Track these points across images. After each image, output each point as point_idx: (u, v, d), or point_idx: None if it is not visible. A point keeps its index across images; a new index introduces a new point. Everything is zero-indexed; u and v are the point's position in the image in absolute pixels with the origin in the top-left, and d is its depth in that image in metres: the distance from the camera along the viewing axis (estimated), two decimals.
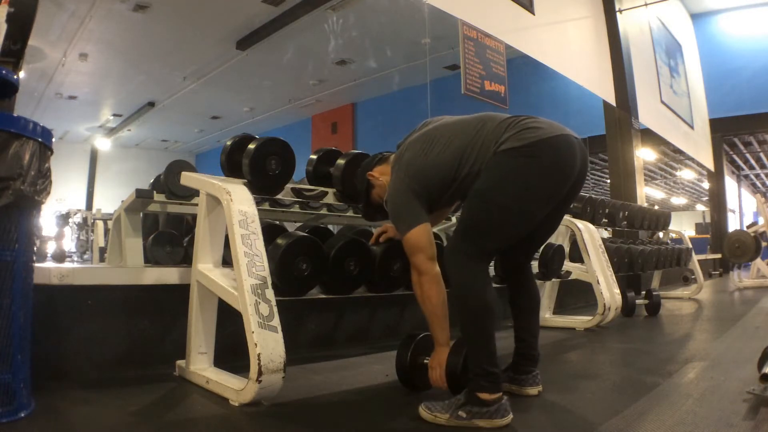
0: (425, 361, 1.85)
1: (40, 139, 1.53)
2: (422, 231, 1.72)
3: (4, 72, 1.66)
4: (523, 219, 1.66)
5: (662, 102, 8.53)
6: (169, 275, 2.35)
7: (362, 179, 2.03)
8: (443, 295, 1.75)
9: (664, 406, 1.70)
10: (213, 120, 15.24)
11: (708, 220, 12.49)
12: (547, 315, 3.74)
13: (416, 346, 1.92)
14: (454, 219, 3.17)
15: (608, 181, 8.02)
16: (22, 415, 1.50)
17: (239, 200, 1.88)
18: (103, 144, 16.45)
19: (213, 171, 2.43)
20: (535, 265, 3.26)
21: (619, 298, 3.62)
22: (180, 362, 2.11)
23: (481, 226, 1.64)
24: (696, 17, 11.04)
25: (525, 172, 1.61)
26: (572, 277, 3.65)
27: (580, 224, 3.72)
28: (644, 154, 9.15)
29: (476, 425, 1.51)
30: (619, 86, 7.05)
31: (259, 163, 2.15)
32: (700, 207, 22.85)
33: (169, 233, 3.41)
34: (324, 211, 3.04)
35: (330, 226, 3.30)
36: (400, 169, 1.78)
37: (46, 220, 10.14)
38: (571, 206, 4.09)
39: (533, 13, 5.52)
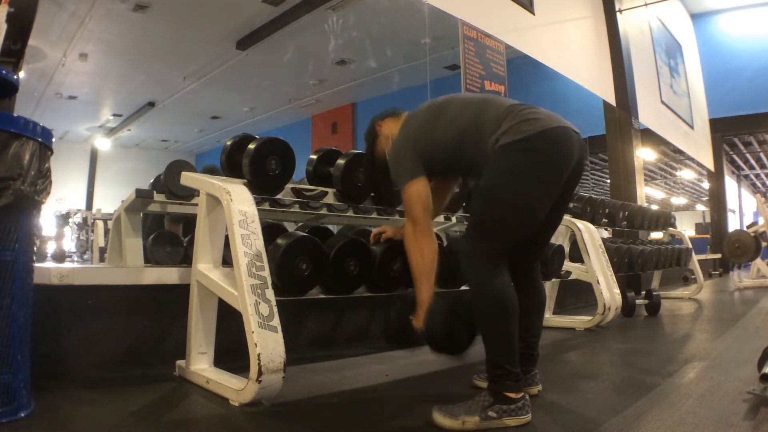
0: (411, 318, 1.88)
1: (40, 139, 1.53)
2: (423, 184, 1.78)
3: (4, 72, 1.65)
4: (529, 213, 1.66)
5: (662, 102, 8.53)
6: (169, 275, 2.35)
7: (371, 128, 2.09)
8: (435, 251, 1.78)
9: (664, 406, 1.70)
10: (213, 120, 15.24)
11: (708, 220, 12.48)
12: (547, 315, 3.73)
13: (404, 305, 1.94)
14: (454, 219, 3.17)
15: (608, 181, 8.03)
16: (22, 415, 1.50)
17: (239, 200, 1.88)
18: (103, 144, 16.45)
19: None
20: None
21: (619, 298, 3.62)
22: (180, 362, 2.11)
23: (490, 224, 1.65)
24: (696, 17, 11.05)
25: (525, 166, 1.62)
26: (572, 277, 3.65)
27: (580, 224, 3.72)
28: (644, 154, 9.16)
29: (505, 424, 1.51)
30: (619, 86, 7.05)
31: (259, 163, 2.15)
32: (700, 207, 22.85)
33: (169, 233, 3.41)
34: (324, 211, 3.03)
35: (330, 226, 3.30)
36: (409, 130, 1.84)
37: (46, 220, 10.14)
38: (571, 206, 4.10)
39: (533, 13, 5.52)
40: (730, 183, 13.42)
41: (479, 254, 1.63)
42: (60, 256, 8.82)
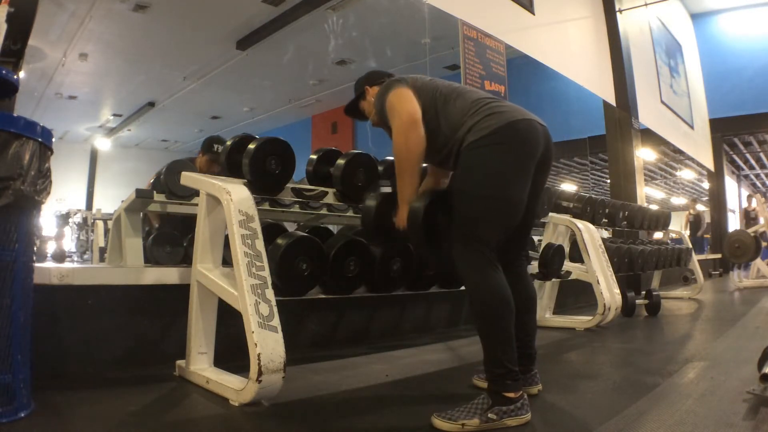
0: (394, 219, 1.89)
1: (40, 139, 1.53)
2: (408, 91, 1.78)
3: (4, 72, 1.66)
4: (511, 203, 1.68)
5: (662, 102, 8.53)
6: (169, 275, 2.35)
7: (361, 85, 2.11)
8: (423, 145, 1.75)
9: (664, 406, 1.70)
10: (213, 120, 15.23)
11: (708, 220, 12.49)
12: (547, 315, 3.74)
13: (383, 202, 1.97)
14: None
15: (608, 181, 8.03)
16: (22, 415, 1.50)
17: (239, 200, 1.88)
18: (103, 144, 16.44)
19: None
20: (534, 265, 3.26)
21: (619, 298, 3.62)
22: (180, 362, 2.11)
23: (476, 222, 1.66)
24: (696, 17, 11.05)
25: (495, 160, 1.66)
26: (572, 277, 3.65)
27: (580, 224, 3.72)
28: (644, 154, 9.15)
29: (505, 424, 1.51)
30: (619, 86, 7.05)
31: (259, 163, 2.15)
32: (700, 207, 22.83)
33: (169, 233, 3.42)
34: (324, 211, 3.04)
35: (330, 226, 3.30)
36: (402, 78, 1.87)
37: (46, 220, 10.14)
38: (571, 206, 4.10)
39: (533, 13, 5.52)
40: (730, 183, 13.41)
41: (472, 254, 1.64)
42: (60, 256, 8.82)
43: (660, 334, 3.49)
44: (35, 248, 1.65)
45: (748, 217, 10.03)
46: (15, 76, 1.73)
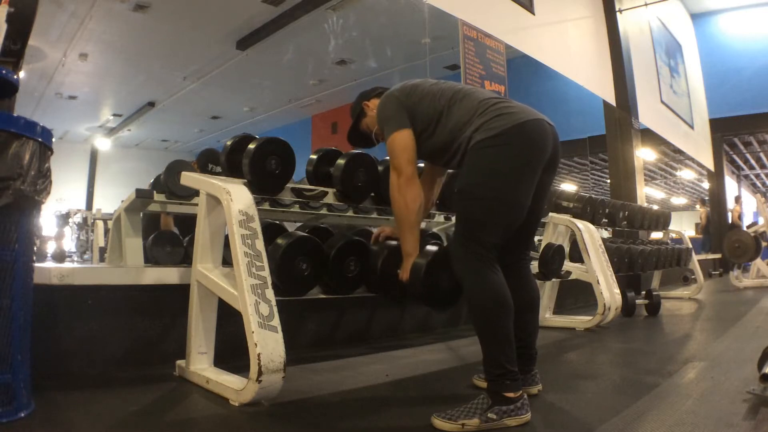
0: (398, 272, 1.91)
1: (40, 139, 1.53)
2: (408, 134, 1.81)
3: (4, 72, 1.66)
4: (512, 205, 1.67)
5: (662, 102, 8.53)
6: (169, 275, 2.35)
7: (357, 105, 2.13)
8: (420, 200, 1.80)
9: (664, 406, 1.70)
10: (213, 120, 15.25)
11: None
12: (547, 315, 3.74)
13: (388, 256, 2.02)
14: (454, 219, 3.17)
15: (608, 181, 8.03)
16: (22, 415, 1.50)
17: (239, 200, 1.88)
18: (103, 144, 16.46)
19: None
20: (535, 265, 3.26)
21: (619, 298, 3.62)
22: (180, 362, 2.11)
23: (476, 223, 1.66)
24: (696, 17, 11.06)
25: (502, 162, 1.65)
26: (572, 277, 3.64)
27: (580, 224, 3.71)
28: (644, 154, 9.16)
29: (505, 424, 1.51)
30: (619, 86, 7.06)
31: (259, 163, 2.14)
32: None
33: (169, 233, 3.42)
34: (324, 211, 3.04)
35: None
36: (404, 86, 1.89)
37: (46, 220, 10.14)
38: (571, 206, 4.10)
39: (533, 13, 5.52)
40: (730, 183, 13.42)
41: (470, 255, 1.64)
42: (60, 256, 8.82)
43: (660, 334, 3.49)
44: (35, 248, 1.65)
45: (739, 219, 10.18)
46: (15, 76, 1.73)
